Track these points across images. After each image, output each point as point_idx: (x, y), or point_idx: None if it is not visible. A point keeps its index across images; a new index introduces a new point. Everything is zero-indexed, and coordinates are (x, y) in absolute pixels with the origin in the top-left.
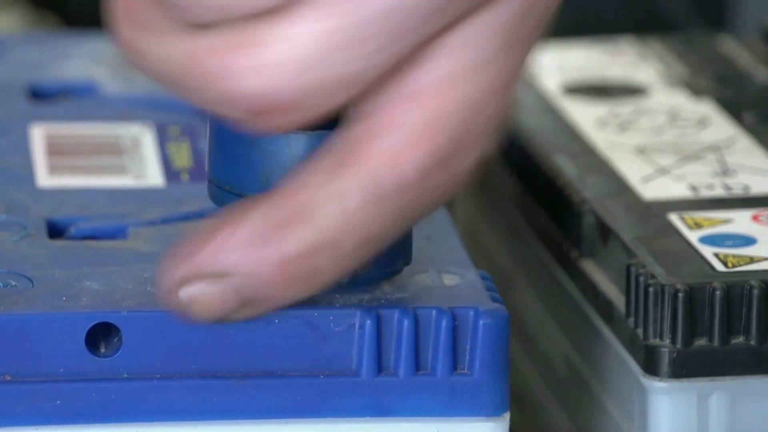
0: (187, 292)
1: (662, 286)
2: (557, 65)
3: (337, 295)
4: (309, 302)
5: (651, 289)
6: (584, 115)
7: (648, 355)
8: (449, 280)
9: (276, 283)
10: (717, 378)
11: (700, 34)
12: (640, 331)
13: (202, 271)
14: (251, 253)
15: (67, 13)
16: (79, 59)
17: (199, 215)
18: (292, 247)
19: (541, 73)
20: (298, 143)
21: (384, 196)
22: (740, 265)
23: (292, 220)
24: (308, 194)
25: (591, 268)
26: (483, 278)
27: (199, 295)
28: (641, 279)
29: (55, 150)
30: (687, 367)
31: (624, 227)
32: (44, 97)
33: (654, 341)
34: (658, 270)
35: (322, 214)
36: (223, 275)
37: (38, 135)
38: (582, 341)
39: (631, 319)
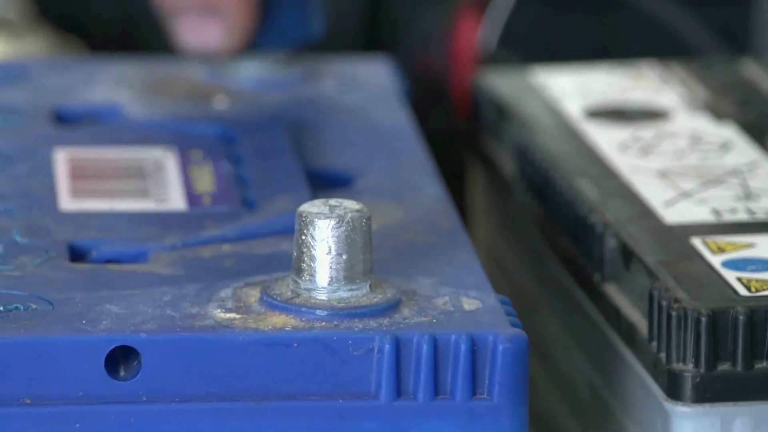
0: None
1: (685, 311)
2: (579, 89)
3: (356, 320)
4: (328, 326)
5: (674, 314)
6: (606, 138)
7: (671, 379)
8: (469, 304)
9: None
10: (741, 403)
11: (722, 58)
12: (663, 355)
13: None
14: None
15: (91, 38)
16: (103, 84)
17: (221, 239)
18: None
19: (563, 97)
20: None
21: None
22: (763, 290)
23: None
24: None
25: (613, 291)
26: (502, 303)
27: None
28: (664, 303)
29: (78, 174)
30: (710, 392)
31: (646, 251)
32: (68, 121)
33: (677, 365)
34: (681, 294)
35: None
36: None
37: (61, 159)
38: (605, 365)
39: (654, 343)
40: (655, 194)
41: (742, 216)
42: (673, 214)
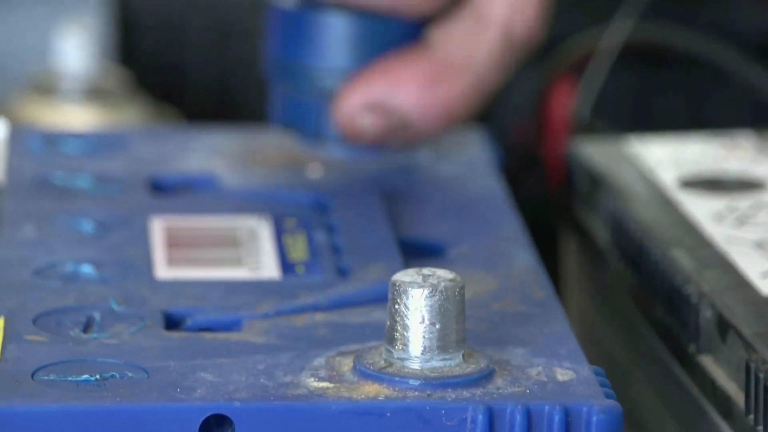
0: (364, 120)
1: None
2: (674, 159)
3: (449, 390)
4: (421, 396)
5: None
6: (701, 208)
7: None
8: (562, 375)
9: (436, 123)
10: None
11: None
12: (760, 428)
13: (379, 103)
14: (420, 95)
15: (187, 108)
16: (199, 153)
17: (314, 308)
18: (457, 90)
19: (658, 167)
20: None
21: (516, 42)
22: None
23: (452, 69)
24: (460, 46)
25: (709, 363)
26: (596, 374)
27: (371, 124)
28: (761, 375)
29: (173, 242)
30: None
31: (743, 322)
32: (164, 190)
33: None
34: None
35: (477, 62)
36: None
37: (158, 227)
38: None
39: (751, 417)
40: (751, 265)
41: None
42: None
